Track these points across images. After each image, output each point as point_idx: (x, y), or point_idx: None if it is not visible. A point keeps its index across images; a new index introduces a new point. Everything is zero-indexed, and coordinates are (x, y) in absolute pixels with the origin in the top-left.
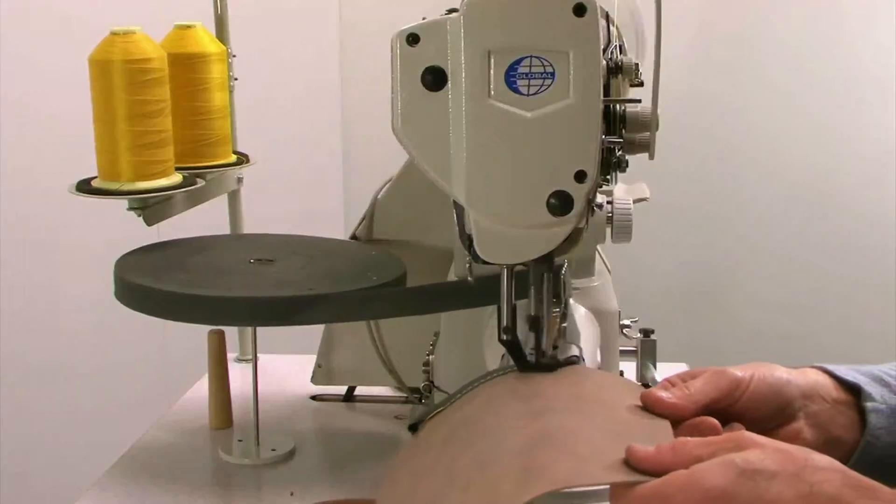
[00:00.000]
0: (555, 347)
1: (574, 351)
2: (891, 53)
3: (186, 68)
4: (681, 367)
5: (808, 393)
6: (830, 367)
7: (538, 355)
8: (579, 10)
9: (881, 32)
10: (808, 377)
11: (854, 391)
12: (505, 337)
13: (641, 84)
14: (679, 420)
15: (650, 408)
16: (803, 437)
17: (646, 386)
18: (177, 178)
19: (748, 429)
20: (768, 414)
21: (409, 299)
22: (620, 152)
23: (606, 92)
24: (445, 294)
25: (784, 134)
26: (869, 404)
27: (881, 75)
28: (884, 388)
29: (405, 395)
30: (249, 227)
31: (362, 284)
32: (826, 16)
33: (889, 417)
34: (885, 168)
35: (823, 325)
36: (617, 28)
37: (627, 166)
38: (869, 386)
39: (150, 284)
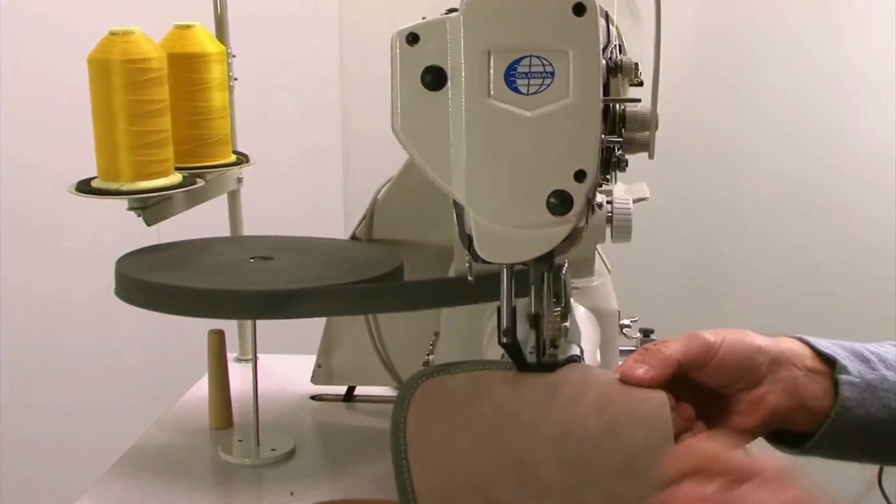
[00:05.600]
0: (555, 347)
1: (575, 350)
2: (890, 53)
3: (186, 68)
4: None
5: (778, 359)
6: (810, 339)
7: (538, 354)
8: (579, 10)
9: (880, 32)
10: (782, 345)
11: (830, 363)
12: (505, 340)
13: (641, 84)
14: (659, 386)
15: (632, 384)
16: (769, 402)
17: None
18: (177, 178)
19: (714, 390)
20: (734, 377)
21: (407, 294)
22: (620, 152)
23: (606, 91)
24: (443, 289)
25: (784, 133)
26: (843, 377)
27: (881, 75)
28: (862, 364)
29: None
30: (249, 227)
31: (360, 278)
32: (826, 16)
33: (863, 392)
34: (886, 168)
35: (823, 325)
36: (617, 28)
37: (627, 166)
38: (846, 360)
39: (150, 279)
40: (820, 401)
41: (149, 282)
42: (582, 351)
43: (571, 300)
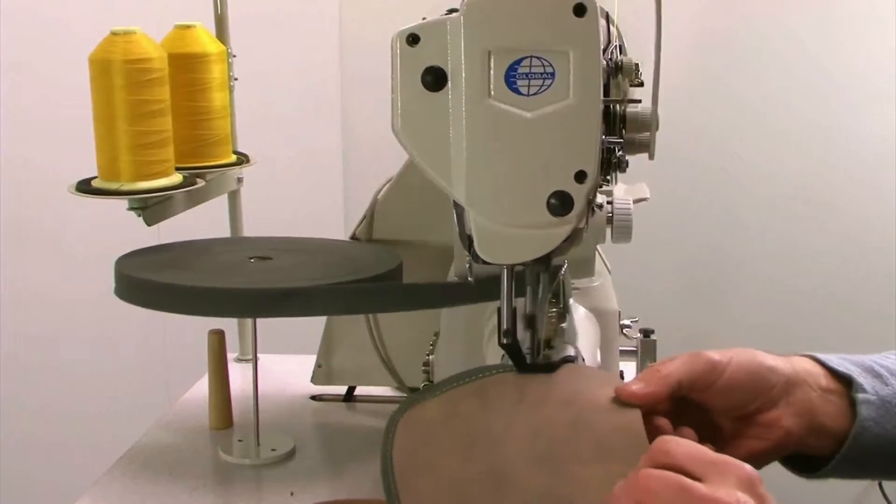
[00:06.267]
0: (551, 347)
1: (570, 351)
2: (890, 54)
3: (186, 68)
4: None
5: (793, 380)
6: (821, 357)
7: (533, 354)
8: (579, 10)
9: (880, 33)
10: (796, 365)
11: (845, 381)
12: (505, 341)
13: (641, 84)
14: (656, 404)
15: (626, 401)
16: (783, 425)
17: None
18: (177, 178)
19: (724, 413)
20: (746, 399)
21: (407, 294)
22: (620, 152)
23: (606, 92)
24: (443, 289)
25: (784, 134)
26: (860, 395)
27: (881, 75)
28: (875, 380)
29: (405, 395)
30: (249, 227)
31: (360, 277)
32: (826, 16)
33: (879, 409)
34: (886, 168)
35: (824, 325)
36: (617, 28)
37: (627, 166)
38: (860, 377)
39: (150, 278)
40: (835, 421)
41: (149, 281)
42: (577, 351)
43: (571, 301)
